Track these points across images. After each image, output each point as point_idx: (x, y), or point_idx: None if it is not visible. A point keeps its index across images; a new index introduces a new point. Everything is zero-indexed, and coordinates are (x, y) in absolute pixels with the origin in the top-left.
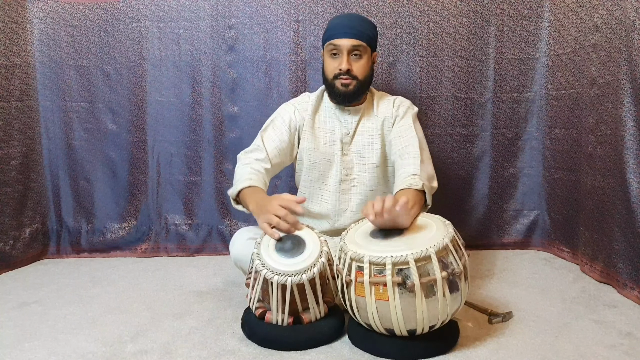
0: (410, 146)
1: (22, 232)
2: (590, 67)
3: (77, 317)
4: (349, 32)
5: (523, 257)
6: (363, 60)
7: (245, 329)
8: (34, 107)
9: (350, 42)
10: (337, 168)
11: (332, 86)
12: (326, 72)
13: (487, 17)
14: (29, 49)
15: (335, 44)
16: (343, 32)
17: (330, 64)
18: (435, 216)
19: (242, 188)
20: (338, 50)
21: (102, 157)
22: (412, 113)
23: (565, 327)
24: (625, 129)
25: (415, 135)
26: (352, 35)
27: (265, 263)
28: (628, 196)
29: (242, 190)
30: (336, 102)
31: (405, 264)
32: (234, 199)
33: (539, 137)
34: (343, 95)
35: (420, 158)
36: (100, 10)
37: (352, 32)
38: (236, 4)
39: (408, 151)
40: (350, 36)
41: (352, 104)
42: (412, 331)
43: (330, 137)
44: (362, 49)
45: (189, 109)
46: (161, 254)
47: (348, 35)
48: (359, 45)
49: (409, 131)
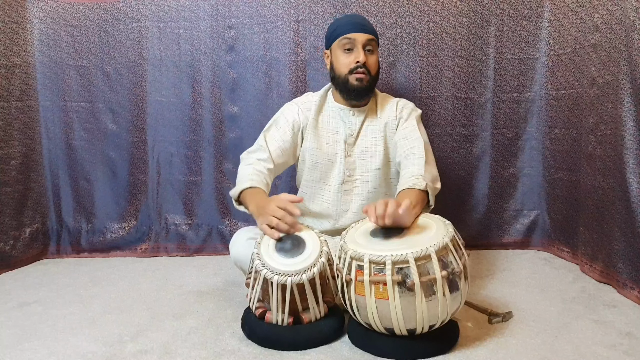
0: (416, 147)
1: (22, 232)
2: (590, 67)
3: (77, 317)
4: (361, 27)
5: (523, 257)
6: (375, 55)
7: (245, 329)
8: (34, 107)
9: (366, 37)
10: (340, 169)
11: (346, 82)
12: (339, 67)
13: (487, 17)
14: (29, 49)
15: (351, 37)
16: (357, 28)
17: (344, 58)
18: (435, 216)
19: (243, 189)
20: (353, 44)
21: (102, 157)
22: (416, 115)
23: (565, 327)
24: (625, 129)
25: (420, 136)
26: (366, 30)
27: (265, 263)
28: (628, 196)
29: (244, 191)
30: (351, 97)
31: (405, 262)
32: (236, 200)
33: (539, 137)
34: (357, 91)
35: (425, 159)
36: (100, 10)
37: (364, 28)
38: (236, 4)
39: (413, 152)
40: (364, 31)
41: (358, 104)
42: (412, 330)
43: (333, 137)
44: (374, 44)
45: (189, 109)
46: (161, 254)
47: (362, 30)
48: (372, 40)
49: (413, 132)
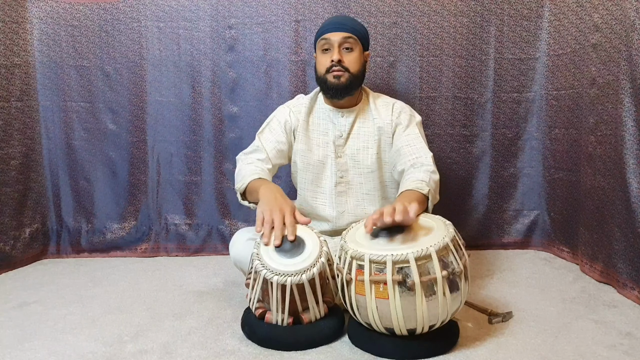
0: (424, 158)
1: (22, 232)
2: (590, 67)
3: (77, 317)
4: (339, 26)
5: (523, 257)
6: (355, 53)
7: (245, 329)
8: (34, 107)
9: (341, 35)
10: (332, 170)
11: (325, 81)
12: (318, 68)
13: (487, 17)
14: (29, 49)
15: (326, 37)
16: (333, 27)
17: (321, 59)
18: (435, 216)
19: (252, 180)
20: (329, 44)
21: (102, 157)
22: (417, 122)
23: (565, 327)
24: (625, 129)
25: (425, 146)
26: (343, 29)
27: (264, 263)
28: (628, 196)
29: (251, 182)
30: (329, 96)
31: (406, 262)
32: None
33: (539, 137)
34: (335, 89)
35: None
36: (100, 10)
37: (342, 27)
38: (236, 4)
39: (422, 162)
40: (341, 30)
41: (345, 105)
42: (412, 330)
43: (323, 138)
44: (353, 41)
45: (189, 109)
46: (161, 254)
47: (338, 29)
48: (349, 37)
49: (417, 141)
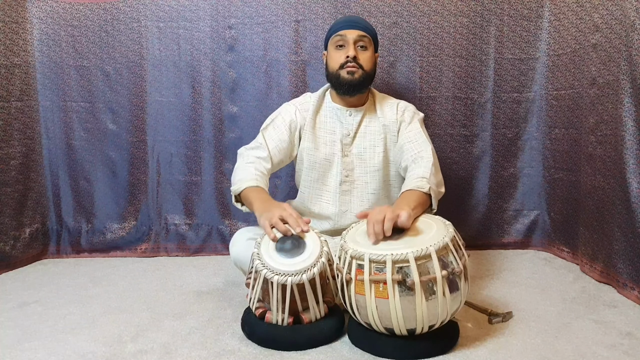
0: (424, 151)
1: (22, 232)
2: (590, 67)
3: (77, 317)
4: (354, 25)
5: (523, 257)
6: (368, 52)
7: (245, 329)
8: (34, 107)
9: (357, 33)
10: (338, 169)
11: (338, 77)
12: (331, 64)
13: (487, 17)
14: (29, 49)
15: (342, 34)
16: (349, 25)
17: (335, 55)
18: (435, 216)
19: (248, 187)
20: (344, 40)
21: (102, 157)
22: (419, 119)
23: (565, 327)
24: (625, 129)
25: (426, 140)
26: (358, 27)
27: (265, 263)
28: (628, 196)
29: (247, 188)
30: (342, 92)
31: (406, 261)
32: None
33: (539, 137)
34: (349, 84)
35: (432, 162)
36: (100, 10)
37: (357, 25)
38: (236, 4)
39: (422, 156)
40: (356, 28)
41: (354, 103)
42: (412, 330)
43: (330, 137)
44: (367, 41)
45: (189, 109)
46: (161, 254)
47: (354, 27)
48: (364, 36)
49: (419, 136)
